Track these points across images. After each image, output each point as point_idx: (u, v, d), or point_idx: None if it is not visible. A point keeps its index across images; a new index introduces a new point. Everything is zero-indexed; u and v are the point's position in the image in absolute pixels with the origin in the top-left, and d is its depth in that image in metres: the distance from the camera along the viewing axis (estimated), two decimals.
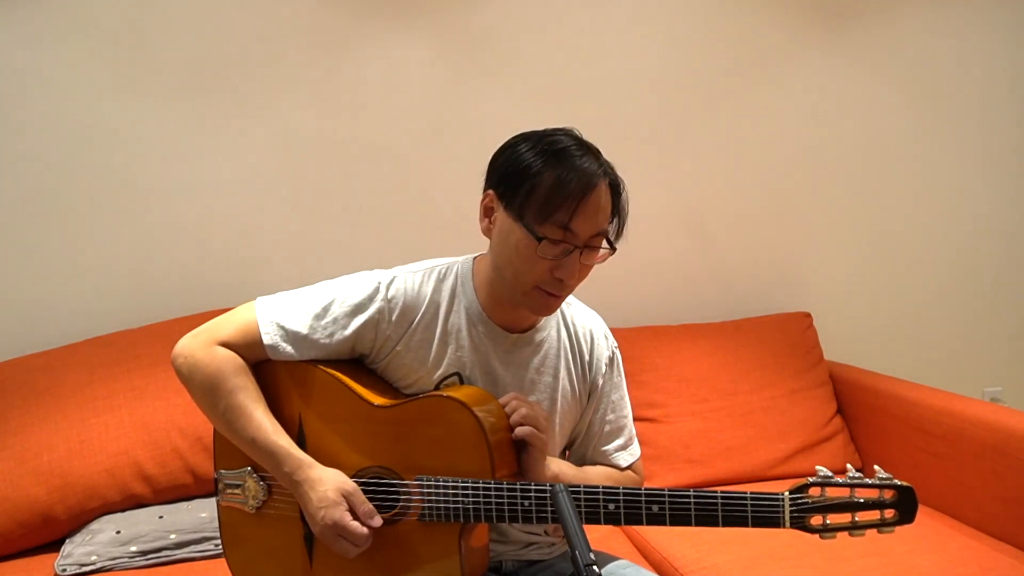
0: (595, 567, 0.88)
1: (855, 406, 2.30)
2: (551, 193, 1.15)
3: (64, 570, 1.63)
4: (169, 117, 2.13)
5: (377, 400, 1.22)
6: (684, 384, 2.22)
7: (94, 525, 1.74)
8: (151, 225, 2.14)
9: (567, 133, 1.23)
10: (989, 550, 1.73)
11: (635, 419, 2.15)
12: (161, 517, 1.76)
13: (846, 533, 1.11)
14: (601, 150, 1.24)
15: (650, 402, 2.18)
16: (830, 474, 1.11)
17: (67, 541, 1.72)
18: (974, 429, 1.89)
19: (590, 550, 0.90)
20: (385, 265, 1.34)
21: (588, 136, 1.25)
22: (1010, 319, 2.83)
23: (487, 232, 1.25)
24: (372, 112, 2.26)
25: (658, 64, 2.46)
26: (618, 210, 1.23)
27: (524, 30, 2.35)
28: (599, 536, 1.79)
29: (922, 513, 1.89)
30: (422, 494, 1.18)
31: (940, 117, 2.71)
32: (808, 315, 2.48)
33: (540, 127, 1.25)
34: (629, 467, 1.39)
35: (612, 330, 1.43)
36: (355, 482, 1.19)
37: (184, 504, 1.81)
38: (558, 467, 1.28)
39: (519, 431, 1.19)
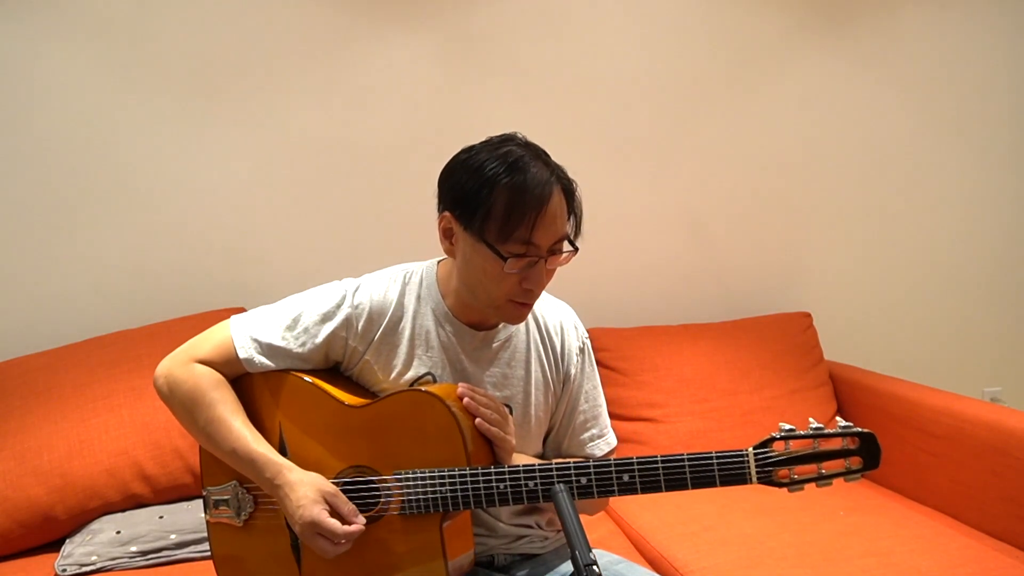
0: (595, 567, 0.89)
1: (855, 406, 2.30)
2: (508, 211, 1.16)
3: (64, 570, 1.63)
4: (169, 117, 2.13)
5: (351, 401, 1.24)
6: (684, 384, 2.21)
7: (94, 525, 1.75)
8: (151, 225, 2.14)
9: (514, 141, 1.22)
10: (989, 550, 1.73)
11: (635, 419, 2.15)
12: (161, 517, 1.76)
13: (814, 485, 1.12)
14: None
15: (650, 402, 2.17)
16: (793, 427, 1.13)
17: (67, 541, 1.73)
18: (974, 429, 1.89)
19: (590, 550, 0.91)
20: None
21: (588, 136, 1.25)
22: (1010, 319, 2.83)
23: (450, 253, 1.26)
24: (372, 112, 2.26)
25: (657, 64, 2.46)
26: (573, 210, 1.23)
27: (523, 31, 2.35)
28: (598, 536, 1.79)
29: (922, 513, 1.92)
30: (401, 488, 1.20)
31: (939, 117, 2.71)
32: (808, 315, 2.48)
33: (540, 127, 1.25)
34: (605, 456, 1.40)
35: (612, 330, 1.43)
36: (336, 483, 1.21)
37: (184, 504, 1.81)
38: (525, 461, 1.28)
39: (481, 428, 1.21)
